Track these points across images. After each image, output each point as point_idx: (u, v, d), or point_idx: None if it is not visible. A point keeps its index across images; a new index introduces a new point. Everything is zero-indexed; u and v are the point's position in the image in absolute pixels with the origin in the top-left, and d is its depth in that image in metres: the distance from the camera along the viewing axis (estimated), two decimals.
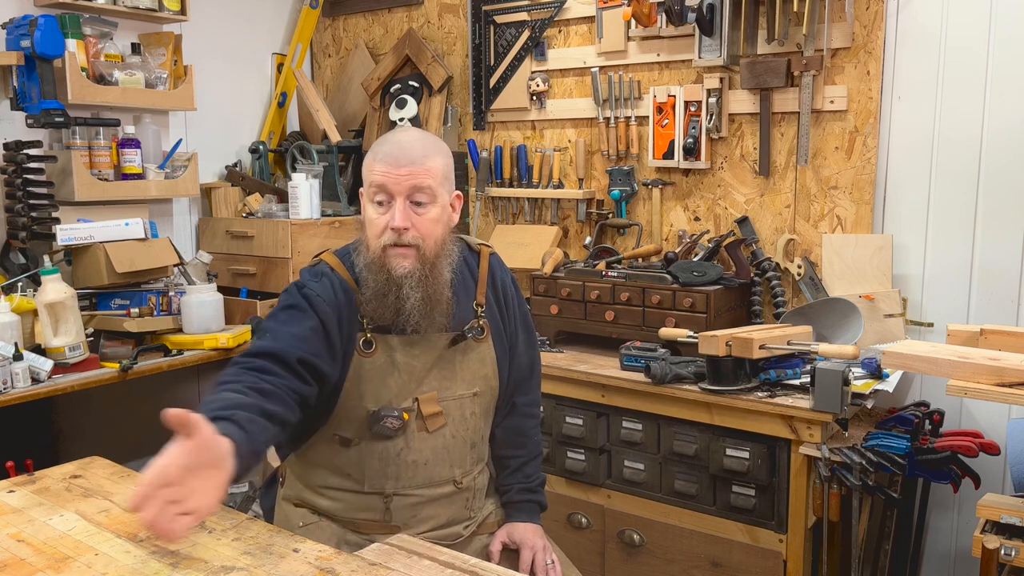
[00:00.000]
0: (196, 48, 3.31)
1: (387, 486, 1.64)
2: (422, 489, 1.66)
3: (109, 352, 2.63)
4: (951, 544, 2.61)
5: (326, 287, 1.60)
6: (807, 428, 2.15)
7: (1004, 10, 2.38)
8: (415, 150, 1.57)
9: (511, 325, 1.78)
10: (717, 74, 2.79)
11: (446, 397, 1.67)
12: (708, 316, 2.51)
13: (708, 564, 2.36)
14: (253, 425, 1.31)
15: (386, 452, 1.63)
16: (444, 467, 1.68)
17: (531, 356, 1.86)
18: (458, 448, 1.69)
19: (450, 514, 1.70)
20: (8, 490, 1.52)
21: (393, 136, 1.63)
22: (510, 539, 1.74)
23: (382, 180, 1.55)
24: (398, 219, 1.55)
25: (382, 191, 1.56)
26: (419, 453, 1.65)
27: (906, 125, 2.56)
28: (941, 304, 2.56)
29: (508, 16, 3.25)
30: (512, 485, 1.81)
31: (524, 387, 1.84)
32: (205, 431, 1.15)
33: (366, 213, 1.61)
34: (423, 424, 1.64)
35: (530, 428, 1.85)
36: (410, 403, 1.63)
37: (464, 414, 1.69)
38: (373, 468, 1.64)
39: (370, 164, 1.58)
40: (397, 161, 1.55)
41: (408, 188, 1.55)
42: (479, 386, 1.71)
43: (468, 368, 1.70)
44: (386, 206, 1.57)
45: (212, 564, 1.20)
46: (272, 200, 3.37)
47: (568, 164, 3.21)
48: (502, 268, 1.81)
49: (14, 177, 2.70)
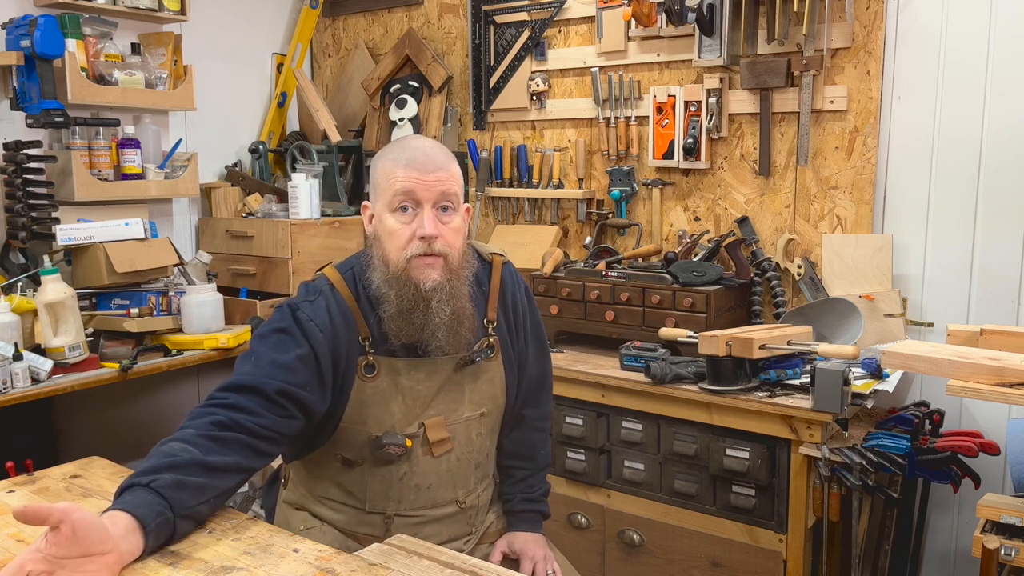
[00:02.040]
0: (196, 48, 3.31)
1: (389, 508, 1.61)
2: (424, 511, 1.63)
3: (109, 352, 2.63)
4: (951, 544, 2.61)
5: (320, 309, 1.51)
6: (807, 428, 2.15)
7: (1004, 10, 2.38)
8: (439, 156, 1.51)
9: (521, 339, 1.71)
10: (717, 74, 2.79)
11: (453, 421, 1.61)
12: (708, 316, 2.51)
13: (708, 564, 2.36)
14: (180, 491, 1.23)
15: (389, 475, 1.59)
16: (448, 489, 1.64)
17: (542, 368, 1.80)
18: (463, 471, 1.65)
19: (452, 531, 1.67)
20: (8, 490, 1.52)
21: (409, 143, 1.55)
22: (510, 549, 1.72)
23: (410, 187, 1.47)
24: (428, 227, 1.47)
25: (409, 198, 1.48)
26: (423, 477, 1.61)
27: (906, 125, 2.56)
28: (941, 304, 2.56)
29: (508, 16, 3.25)
30: (515, 495, 1.78)
31: (534, 399, 1.78)
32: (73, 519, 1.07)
33: (385, 224, 1.50)
34: (428, 450, 1.59)
35: (539, 442, 1.81)
36: (415, 428, 1.58)
37: (470, 436, 1.64)
38: (375, 490, 1.61)
39: (390, 171, 1.50)
40: (424, 167, 1.48)
41: (437, 194, 1.48)
42: (487, 406, 1.65)
43: (476, 389, 1.63)
44: (411, 214, 1.49)
45: (212, 564, 1.20)
46: (272, 200, 3.37)
47: (568, 164, 3.21)
48: (514, 280, 1.71)
49: (14, 177, 2.70)
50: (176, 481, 1.23)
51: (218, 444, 1.32)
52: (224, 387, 1.42)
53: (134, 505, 1.18)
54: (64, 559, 1.08)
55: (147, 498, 1.20)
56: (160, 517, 1.19)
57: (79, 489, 1.52)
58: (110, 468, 1.63)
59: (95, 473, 1.60)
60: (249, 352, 1.50)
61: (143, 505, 1.19)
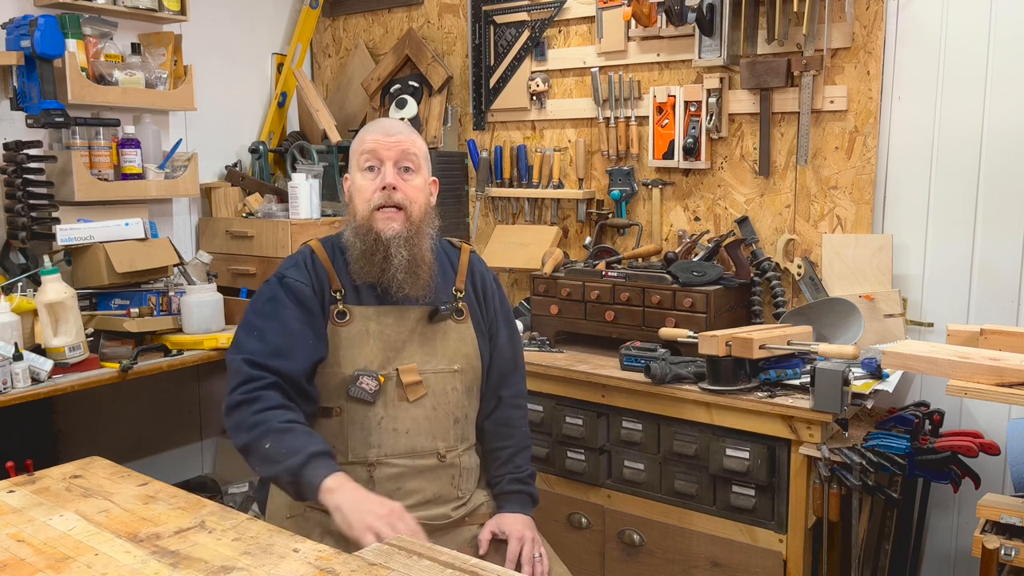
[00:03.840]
0: (196, 48, 3.31)
1: (370, 454, 1.70)
2: (405, 459, 1.72)
3: (109, 352, 2.63)
4: (951, 544, 2.61)
5: (301, 270, 1.74)
6: (807, 428, 2.15)
7: (1004, 10, 2.38)
8: (402, 127, 1.78)
9: (490, 315, 1.88)
10: (717, 74, 2.79)
11: (426, 370, 1.75)
12: (708, 316, 2.51)
13: (708, 564, 2.36)
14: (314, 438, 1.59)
15: (367, 420, 1.70)
16: (426, 438, 1.73)
17: (514, 351, 1.94)
18: (440, 420, 1.75)
19: (435, 489, 1.73)
20: (8, 490, 1.52)
21: (379, 120, 1.83)
22: (499, 529, 1.76)
23: (373, 146, 1.72)
24: (389, 176, 1.71)
25: (373, 156, 1.72)
26: (400, 422, 1.72)
27: (906, 125, 2.56)
28: (941, 304, 2.56)
29: (508, 16, 3.25)
30: (503, 476, 1.85)
31: (509, 380, 1.91)
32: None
33: (354, 182, 1.76)
34: (403, 393, 1.72)
35: (517, 419, 1.91)
36: (389, 371, 1.72)
37: (445, 388, 1.77)
38: (356, 437, 1.70)
39: (361, 137, 1.76)
40: (387, 131, 1.74)
41: (398, 153, 1.73)
42: (460, 363, 1.79)
43: (449, 346, 1.79)
44: (376, 172, 1.73)
45: (212, 564, 1.20)
46: (272, 200, 3.37)
47: (568, 164, 3.21)
48: (482, 265, 1.93)
49: (14, 177, 2.70)
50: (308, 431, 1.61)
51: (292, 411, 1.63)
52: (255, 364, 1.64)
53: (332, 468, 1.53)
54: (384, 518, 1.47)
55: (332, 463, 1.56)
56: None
57: (79, 489, 1.52)
58: (110, 468, 1.63)
59: (95, 473, 1.60)
60: (250, 326, 1.70)
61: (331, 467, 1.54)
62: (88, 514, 1.42)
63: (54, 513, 1.42)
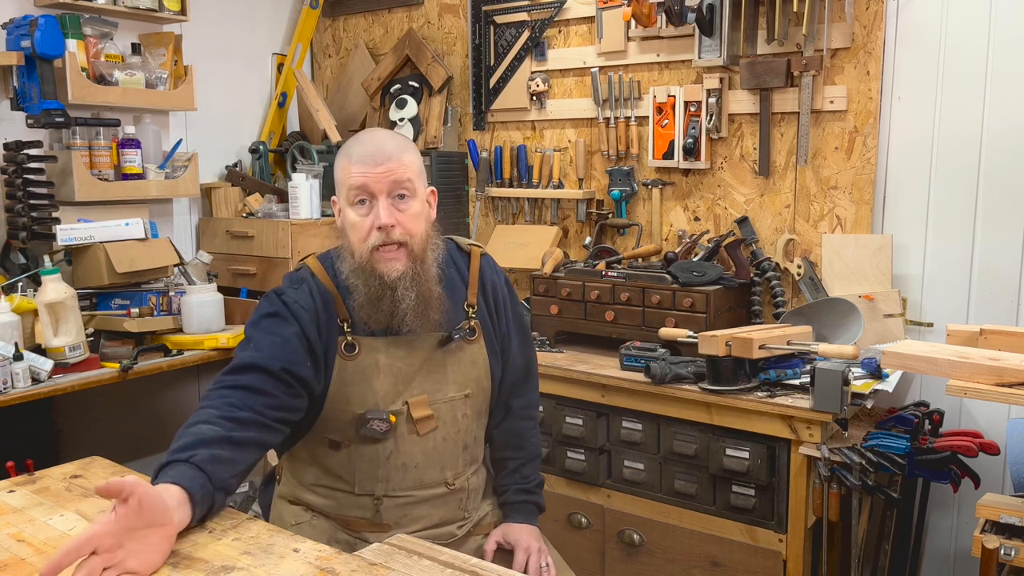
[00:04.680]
0: (196, 48, 3.32)
1: (377, 488, 1.64)
2: (412, 491, 1.65)
3: (109, 352, 2.63)
4: (951, 544, 2.61)
5: (304, 293, 1.60)
6: (807, 428, 2.15)
7: (1004, 10, 2.39)
8: (388, 147, 1.57)
9: (503, 327, 1.76)
10: (717, 74, 2.79)
11: (437, 400, 1.65)
12: (708, 316, 2.51)
13: (708, 564, 2.36)
14: (216, 464, 1.31)
15: (375, 455, 1.62)
16: (435, 470, 1.66)
17: (526, 358, 1.84)
18: (449, 450, 1.67)
19: (442, 514, 1.69)
20: (8, 490, 1.52)
21: (362, 137, 1.62)
22: (505, 540, 1.74)
23: (362, 181, 1.54)
24: (384, 216, 1.54)
25: (363, 192, 1.55)
26: (409, 456, 1.64)
27: (906, 125, 2.56)
28: (941, 304, 2.56)
29: (508, 16, 3.25)
30: (509, 486, 1.80)
31: (520, 390, 1.83)
32: (140, 492, 1.14)
33: (347, 218, 1.59)
34: (413, 428, 1.63)
35: (527, 430, 1.84)
36: (399, 406, 1.62)
37: (455, 416, 1.67)
38: (363, 471, 1.63)
39: (346, 168, 1.57)
40: (374, 159, 1.55)
41: (389, 184, 1.55)
42: (471, 388, 1.69)
43: (460, 370, 1.68)
44: (368, 206, 1.56)
45: (212, 564, 1.21)
46: (272, 200, 3.37)
47: (568, 164, 3.21)
48: (493, 269, 1.78)
49: (14, 177, 2.71)
50: (211, 456, 1.32)
51: (237, 423, 1.41)
52: (230, 370, 1.50)
53: (181, 478, 1.26)
54: (131, 530, 1.15)
55: (189, 472, 1.28)
56: (203, 489, 1.28)
57: (79, 489, 1.52)
58: (110, 468, 1.63)
59: (95, 473, 1.60)
60: (247, 339, 1.58)
61: (188, 478, 1.26)
62: (88, 514, 1.42)
63: (54, 513, 1.42)
